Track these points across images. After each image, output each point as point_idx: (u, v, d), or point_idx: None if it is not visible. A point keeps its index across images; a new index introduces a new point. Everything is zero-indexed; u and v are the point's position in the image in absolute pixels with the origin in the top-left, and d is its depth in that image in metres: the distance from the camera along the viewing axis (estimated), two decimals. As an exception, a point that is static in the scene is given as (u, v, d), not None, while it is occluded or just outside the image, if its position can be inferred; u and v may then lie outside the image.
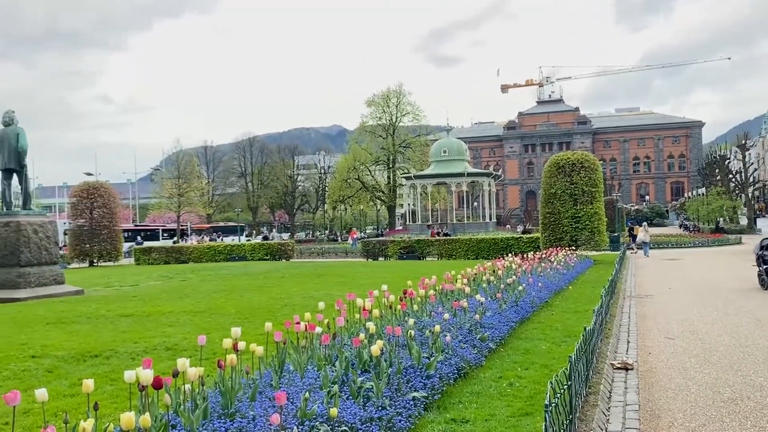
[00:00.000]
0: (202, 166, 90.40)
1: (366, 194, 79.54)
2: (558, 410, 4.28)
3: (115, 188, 42.87)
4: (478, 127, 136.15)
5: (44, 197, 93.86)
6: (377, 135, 77.39)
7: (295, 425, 4.36)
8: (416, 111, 78.28)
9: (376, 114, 78.28)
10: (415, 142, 76.95)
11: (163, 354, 8.69)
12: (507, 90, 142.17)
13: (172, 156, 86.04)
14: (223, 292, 17.80)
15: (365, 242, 39.93)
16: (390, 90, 77.92)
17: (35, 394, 4.14)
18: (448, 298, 10.20)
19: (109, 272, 30.52)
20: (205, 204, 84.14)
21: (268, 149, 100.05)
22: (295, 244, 45.32)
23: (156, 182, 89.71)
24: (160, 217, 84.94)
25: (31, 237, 17.87)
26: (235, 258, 38.00)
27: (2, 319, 13.11)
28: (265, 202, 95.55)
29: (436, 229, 49.98)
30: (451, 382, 6.48)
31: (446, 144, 62.37)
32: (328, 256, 42.02)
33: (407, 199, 67.83)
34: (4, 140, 18.14)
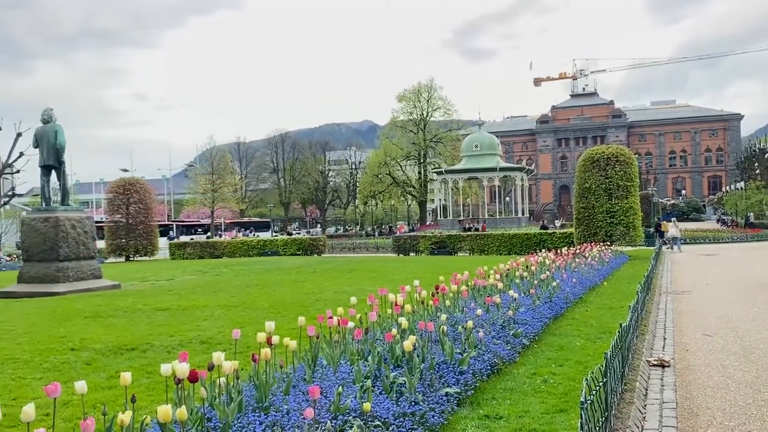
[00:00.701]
0: (235, 162, 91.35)
1: (397, 189, 79.54)
2: (594, 407, 4.22)
3: (151, 184, 43.59)
4: (511, 121, 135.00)
5: (81, 193, 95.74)
6: (408, 130, 77.31)
7: (329, 419, 4.38)
8: (447, 105, 78.05)
9: (407, 109, 78.20)
10: (447, 136, 76.65)
11: (198, 347, 8.80)
12: (540, 83, 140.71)
13: (206, 152, 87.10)
14: (256, 287, 17.97)
15: (396, 237, 39.92)
16: (421, 85, 77.80)
17: (74, 386, 4.22)
18: (481, 293, 10.14)
19: (145, 267, 31.03)
20: (238, 200, 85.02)
21: (300, 145, 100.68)
22: (326, 239, 45.53)
23: (190, 178, 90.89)
24: (194, 213, 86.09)
25: (69, 232, 18.23)
26: (268, 253, 38.32)
27: (42, 313, 13.42)
28: (297, 197, 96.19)
29: (473, 224, 49.66)
30: (484, 378, 6.43)
31: (478, 138, 62.03)
32: (359, 251, 42.12)
33: (438, 194, 67.69)
34: (43, 138, 18.52)
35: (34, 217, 18.69)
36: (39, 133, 18.68)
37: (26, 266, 18.48)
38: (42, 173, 18.86)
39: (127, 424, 3.79)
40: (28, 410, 3.53)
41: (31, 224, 18.43)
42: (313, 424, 4.19)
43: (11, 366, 8.05)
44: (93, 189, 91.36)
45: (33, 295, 16.93)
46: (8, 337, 10.33)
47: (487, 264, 13.30)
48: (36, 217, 18.53)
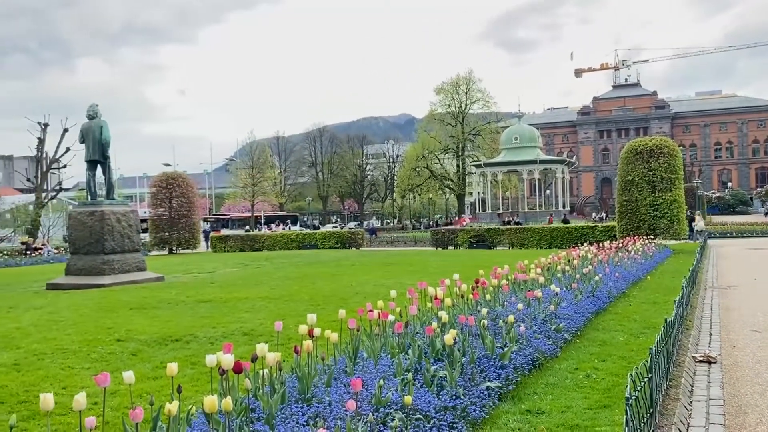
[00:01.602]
0: (275, 156, 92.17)
1: (435, 183, 79.24)
2: (638, 403, 4.15)
3: (192, 178, 44.29)
4: (551, 112, 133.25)
5: (125, 187, 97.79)
6: (446, 123, 76.88)
7: (371, 412, 4.40)
8: (486, 98, 77.31)
9: (445, 101, 77.73)
10: (485, 129, 75.97)
11: (240, 339, 8.93)
12: (581, 74, 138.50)
13: (246, 147, 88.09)
14: (296, 280, 18.14)
15: (434, 231, 39.80)
16: (459, 77, 77.19)
17: (122, 376, 4.33)
18: (522, 288, 10.06)
19: (188, 259, 31.60)
20: (277, 193, 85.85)
21: (338, 139, 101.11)
22: (364, 232, 45.66)
23: (231, 172, 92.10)
24: (234, 207, 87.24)
25: (114, 226, 18.64)
26: (307, 246, 38.64)
27: (89, 304, 13.77)
28: (335, 191, 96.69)
29: (512, 217, 49.09)
30: (525, 372, 6.39)
31: (517, 131, 61.40)
32: (398, 244, 42.15)
33: (477, 188, 67.24)
34: (88, 133, 18.96)
35: (80, 211, 19.17)
36: (85, 128, 19.13)
37: (73, 259, 18.97)
38: (88, 168, 19.30)
39: (174, 413, 3.87)
40: (80, 399, 3.63)
41: (77, 218, 18.91)
42: (355, 416, 4.21)
43: (61, 356, 8.29)
44: (137, 183, 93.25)
45: (80, 287, 17.38)
46: (57, 327, 10.63)
47: (528, 258, 13.18)
48: (82, 211, 19.00)
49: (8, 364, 7.86)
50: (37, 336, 9.84)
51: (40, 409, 3.74)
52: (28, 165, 66.82)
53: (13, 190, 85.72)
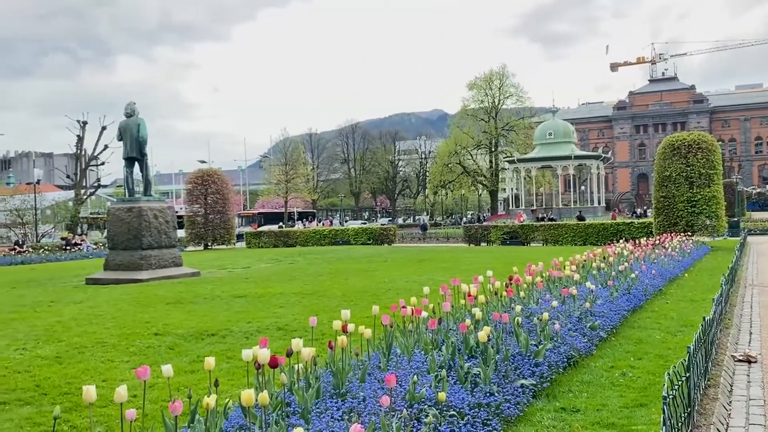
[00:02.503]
0: (307, 153, 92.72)
1: (467, 179, 78.91)
2: (676, 403, 4.10)
3: (227, 175, 44.81)
4: (586, 107, 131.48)
5: (162, 184, 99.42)
6: (479, 118, 76.44)
7: (405, 407, 4.42)
8: (520, 93, 76.71)
9: (477, 97, 77.30)
10: (519, 124, 75.38)
11: (275, 334, 9.02)
12: (617, 68, 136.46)
13: (280, 144, 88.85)
14: (328, 275, 18.24)
15: (467, 227, 39.65)
16: (492, 72, 76.71)
17: (161, 369, 4.41)
18: (556, 285, 9.97)
19: (223, 255, 32.00)
20: (310, 190, 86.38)
21: (370, 135, 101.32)
22: (396, 228, 45.72)
23: (264, 169, 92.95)
24: (268, 203, 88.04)
25: (151, 222, 18.95)
26: (339, 242, 38.82)
27: (128, 299, 14.04)
28: (367, 187, 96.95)
29: (546, 214, 48.55)
30: (560, 370, 6.34)
31: (552, 126, 60.82)
32: (430, 241, 42.09)
33: (510, 184, 66.83)
34: (126, 131, 19.30)
35: (118, 207, 19.54)
36: (123, 126, 19.47)
37: (112, 254, 19.34)
38: (126, 165, 19.65)
39: (212, 407, 3.94)
40: (121, 391, 3.72)
41: (116, 214, 19.28)
42: (389, 412, 4.23)
43: (101, 349, 8.47)
44: (173, 180, 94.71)
45: (118, 281, 17.72)
46: (97, 321, 10.87)
47: (562, 255, 13.06)
48: (120, 207, 19.37)
49: (50, 357, 8.06)
50: (78, 330, 10.07)
51: (83, 401, 3.83)
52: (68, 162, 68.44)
53: (54, 187, 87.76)
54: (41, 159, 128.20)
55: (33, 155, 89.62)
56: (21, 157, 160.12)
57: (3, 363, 7.79)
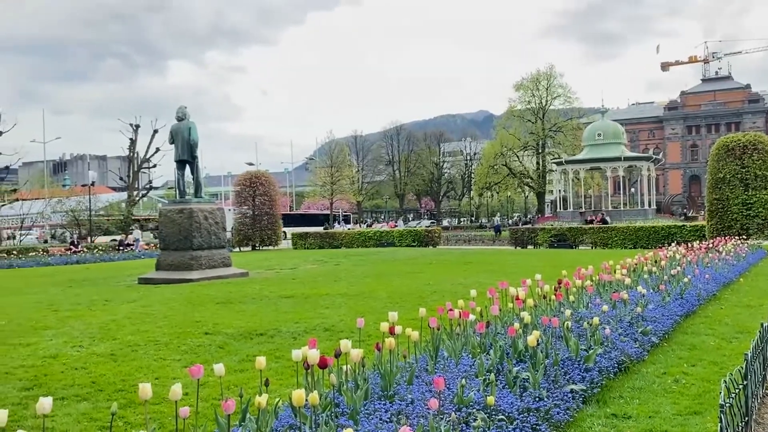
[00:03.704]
0: (353, 155, 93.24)
1: (513, 180, 78.11)
2: (733, 411, 3.99)
3: (274, 177, 45.39)
4: (636, 108, 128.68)
5: (211, 185, 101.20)
6: (526, 119, 75.59)
7: (453, 411, 4.41)
8: (568, 93, 75.57)
9: (524, 98, 76.43)
10: (567, 125, 74.27)
11: (322, 334, 9.09)
12: (668, 68, 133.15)
13: (325, 146, 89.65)
14: (374, 277, 18.30)
15: (513, 230, 39.26)
16: (540, 72, 75.75)
17: (212, 368, 4.51)
18: (606, 289, 9.80)
19: (270, 256, 32.42)
20: (355, 192, 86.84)
21: (415, 137, 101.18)
22: (441, 230, 45.58)
23: (310, 171, 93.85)
24: (314, 204, 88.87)
25: (202, 223, 19.31)
26: (384, 244, 38.90)
27: (179, 298, 14.34)
28: (412, 189, 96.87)
29: (595, 216, 47.69)
30: (610, 376, 6.23)
31: (601, 127, 59.69)
32: (475, 243, 41.83)
33: (558, 186, 65.87)
34: (177, 134, 19.71)
35: (170, 209, 19.97)
36: (174, 129, 19.90)
37: (163, 254, 19.78)
38: (177, 167, 20.07)
39: (263, 406, 4.00)
40: (176, 389, 3.81)
41: (167, 215, 19.71)
42: (438, 415, 4.23)
43: (153, 348, 8.67)
44: (222, 182, 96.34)
45: (169, 281, 18.11)
46: (150, 320, 11.13)
47: (612, 258, 12.82)
48: (172, 209, 19.79)
49: (105, 354, 8.29)
50: (132, 328, 10.33)
51: (137, 398, 3.94)
52: (121, 164, 70.32)
53: (107, 189, 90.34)
54: (95, 161, 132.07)
55: (88, 158, 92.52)
56: (76, 159, 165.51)
57: (61, 360, 8.04)
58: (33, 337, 9.72)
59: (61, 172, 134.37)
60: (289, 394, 4.46)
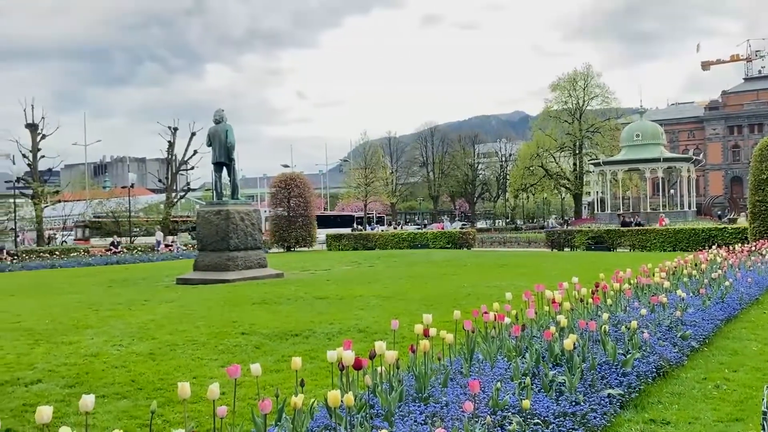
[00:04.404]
0: (387, 156, 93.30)
1: (550, 182, 77.33)
2: (777, 419, 3.89)
3: (308, 178, 45.71)
4: (675, 108, 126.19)
5: (247, 187, 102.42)
6: (562, 120, 74.77)
7: (488, 414, 4.39)
8: (605, 93, 74.52)
9: (561, 98, 75.61)
10: (605, 126, 73.24)
11: (356, 336, 9.12)
12: (708, 67, 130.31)
13: (359, 147, 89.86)
14: (408, 279, 18.30)
15: (549, 232, 38.85)
16: (576, 72, 74.85)
17: (248, 368, 4.56)
18: (645, 292, 9.64)
19: (305, 257, 32.65)
20: (389, 193, 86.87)
21: (449, 138, 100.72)
22: (476, 232, 45.32)
23: (344, 172, 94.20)
24: (348, 206, 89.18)
25: (238, 224, 19.55)
26: (418, 246, 38.82)
27: (216, 299, 14.55)
28: (446, 190, 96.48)
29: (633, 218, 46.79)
30: (649, 380, 6.14)
31: (639, 127, 58.76)
32: (510, 245, 41.50)
33: (595, 187, 64.99)
34: (215, 137, 19.98)
35: (207, 210, 20.26)
36: (212, 132, 20.18)
37: (201, 255, 20.07)
38: (214, 170, 20.36)
39: (299, 406, 4.04)
40: (214, 389, 3.87)
41: (205, 217, 20.00)
42: (472, 418, 4.22)
43: (191, 347, 8.81)
44: (257, 183, 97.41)
45: (207, 281, 18.37)
46: (188, 320, 11.31)
47: (650, 261, 12.62)
48: (209, 210, 20.07)
49: (144, 354, 8.45)
50: (170, 328, 10.51)
51: (176, 397, 4.01)
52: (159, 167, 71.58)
53: (146, 190, 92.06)
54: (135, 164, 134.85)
55: (127, 160, 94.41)
56: (116, 161, 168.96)
57: (102, 358, 8.23)
58: (75, 335, 9.97)
59: (101, 174, 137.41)
60: (324, 394, 4.49)
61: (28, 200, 48.60)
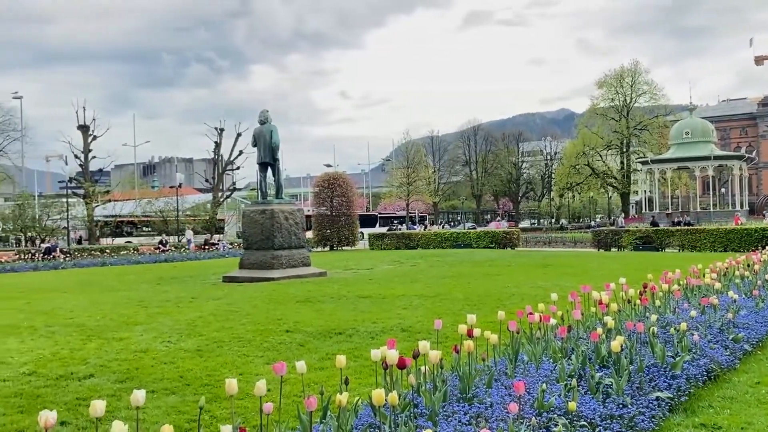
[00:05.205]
0: (429, 155, 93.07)
1: (596, 181, 76.09)
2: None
3: (351, 178, 45.93)
4: (727, 105, 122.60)
5: (291, 187, 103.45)
6: (609, 117, 73.48)
7: (533, 415, 4.35)
8: (654, 90, 72.97)
9: (607, 95, 74.33)
10: (653, 123, 71.71)
11: (399, 335, 9.12)
12: (762, 62, 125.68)
13: (401, 146, 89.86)
14: (450, 278, 18.23)
15: (596, 232, 38.22)
16: (624, 69, 73.47)
17: (293, 365, 4.62)
18: (695, 294, 9.41)
19: (347, 256, 32.81)
20: (431, 192, 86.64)
21: (492, 137, 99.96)
22: (520, 232, 44.87)
23: (386, 172, 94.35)
24: (390, 205, 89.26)
25: (282, 223, 19.77)
26: (461, 245, 38.63)
27: (261, 297, 14.74)
28: (489, 189, 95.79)
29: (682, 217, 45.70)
30: (699, 384, 5.98)
31: (689, 124, 57.37)
32: (555, 245, 40.96)
33: (643, 186, 63.72)
34: (260, 137, 20.24)
35: (252, 210, 20.53)
36: (257, 133, 20.44)
37: (246, 254, 20.35)
38: (259, 170, 20.63)
39: (344, 404, 4.07)
40: (261, 386, 3.93)
41: (250, 216, 20.28)
42: (517, 419, 4.19)
43: (237, 344, 8.95)
44: (301, 183, 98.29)
45: (252, 280, 18.63)
46: (234, 317, 11.50)
47: (701, 261, 12.31)
48: (254, 210, 20.34)
49: (192, 350, 8.62)
50: (217, 325, 10.70)
51: (223, 393, 4.08)
52: (206, 167, 72.88)
53: (193, 190, 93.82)
54: (182, 164, 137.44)
55: (175, 160, 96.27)
56: (164, 162, 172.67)
57: (151, 354, 8.42)
58: (125, 332, 10.23)
59: (150, 174, 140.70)
60: (367, 393, 4.52)
61: (79, 200, 50.05)
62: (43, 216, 49.25)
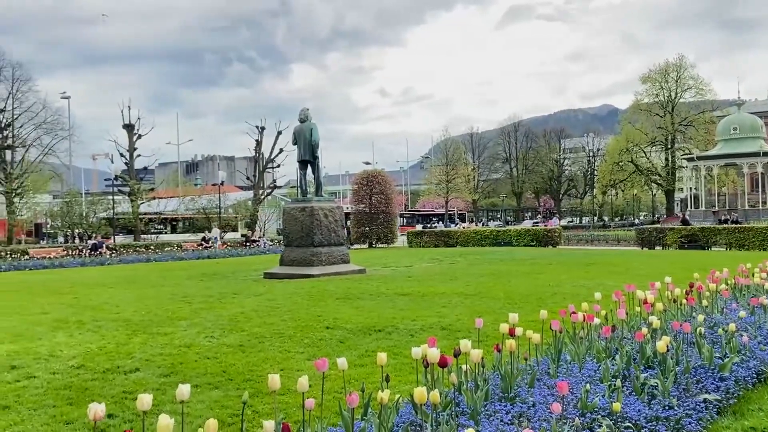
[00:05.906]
0: (468, 152, 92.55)
1: (640, 178, 74.71)
2: None
3: (389, 175, 45.99)
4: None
5: (330, 184, 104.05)
6: (653, 113, 72.03)
7: (576, 416, 4.29)
8: (700, 85, 71.26)
9: (652, 91, 72.86)
10: (699, 119, 70.01)
11: (439, 333, 9.08)
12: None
13: (440, 144, 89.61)
14: (490, 277, 18.09)
15: (639, 230, 37.51)
16: (669, 63, 71.94)
17: (334, 362, 4.64)
18: (744, 293, 9.16)
19: (386, 253, 32.85)
20: (470, 190, 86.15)
21: (533, 133, 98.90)
22: (561, 230, 44.31)
23: (425, 169, 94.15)
24: (429, 203, 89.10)
25: (322, 221, 19.89)
26: (501, 243, 38.34)
27: (301, 293, 14.86)
28: (530, 187, 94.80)
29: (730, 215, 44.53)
30: (748, 386, 5.82)
31: (737, 120, 55.85)
32: (598, 243, 40.33)
33: (688, 183, 62.33)
34: (300, 135, 20.39)
35: (292, 207, 20.71)
36: (297, 131, 20.60)
37: (287, 251, 20.55)
38: (299, 167, 20.78)
39: (385, 401, 4.08)
40: (303, 381, 3.96)
41: (290, 213, 20.46)
42: (560, 419, 4.13)
43: (278, 340, 9.04)
44: (340, 181, 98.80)
45: (292, 276, 18.78)
46: (275, 314, 11.61)
47: (749, 261, 11.97)
48: (294, 207, 20.52)
49: (234, 345, 8.74)
50: (258, 320, 10.83)
51: (266, 388, 4.12)
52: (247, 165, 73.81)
53: (235, 188, 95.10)
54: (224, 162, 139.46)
55: (217, 158, 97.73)
56: (207, 160, 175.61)
57: (195, 349, 8.56)
58: (169, 327, 10.42)
59: (193, 172, 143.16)
60: (408, 390, 4.52)
61: (125, 197, 51.22)
62: (90, 213, 50.57)
